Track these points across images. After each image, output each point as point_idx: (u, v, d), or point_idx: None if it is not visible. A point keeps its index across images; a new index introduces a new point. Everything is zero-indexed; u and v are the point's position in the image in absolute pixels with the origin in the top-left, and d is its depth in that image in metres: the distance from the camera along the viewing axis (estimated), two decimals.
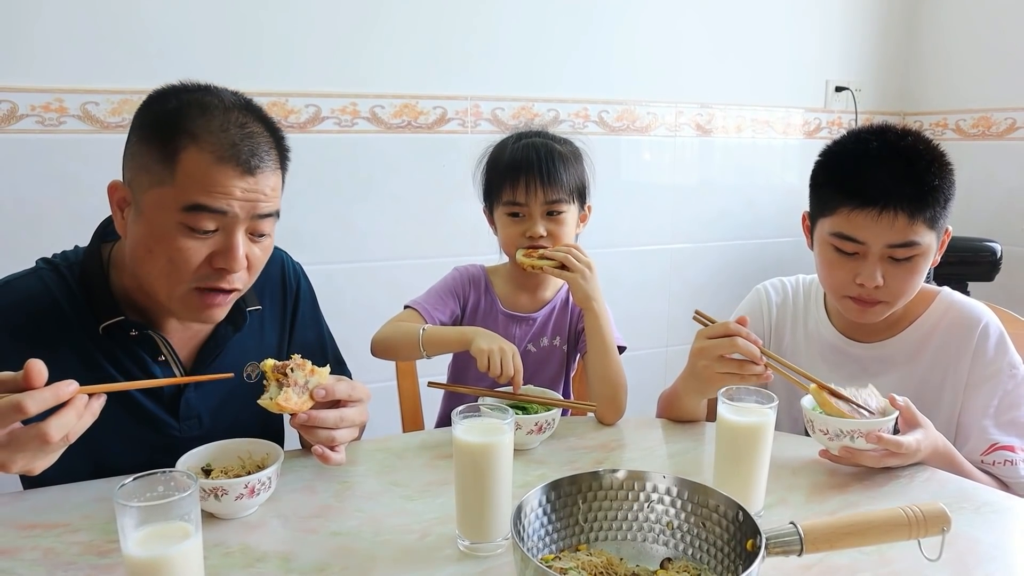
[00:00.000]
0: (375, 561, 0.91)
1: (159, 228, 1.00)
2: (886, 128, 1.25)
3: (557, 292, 1.55)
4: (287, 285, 1.31)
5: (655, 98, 2.56)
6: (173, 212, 0.99)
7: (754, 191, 2.82)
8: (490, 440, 0.91)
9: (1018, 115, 2.69)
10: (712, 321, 1.19)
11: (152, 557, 0.73)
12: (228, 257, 1.02)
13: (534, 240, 1.41)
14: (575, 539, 0.90)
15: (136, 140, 1.03)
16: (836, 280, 1.26)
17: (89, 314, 1.09)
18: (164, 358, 1.14)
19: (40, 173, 1.88)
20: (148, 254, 1.02)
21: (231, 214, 1.00)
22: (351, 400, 1.08)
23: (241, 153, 1.00)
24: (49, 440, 0.81)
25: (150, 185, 1.00)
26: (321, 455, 1.04)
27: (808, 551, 0.79)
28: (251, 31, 2.01)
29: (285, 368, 1.02)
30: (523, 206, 1.41)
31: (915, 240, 1.19)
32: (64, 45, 1.86)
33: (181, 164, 0.98)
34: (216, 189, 0.98)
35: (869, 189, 1.18)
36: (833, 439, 1.09)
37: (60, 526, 0.97)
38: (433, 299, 1.50)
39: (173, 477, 0.79)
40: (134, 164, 1.02)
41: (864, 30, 2.89)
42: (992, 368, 1.27)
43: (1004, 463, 1.21)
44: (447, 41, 2.23)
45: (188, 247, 1.00)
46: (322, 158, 2.14)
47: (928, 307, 1.33)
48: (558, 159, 1.41)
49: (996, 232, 2.58)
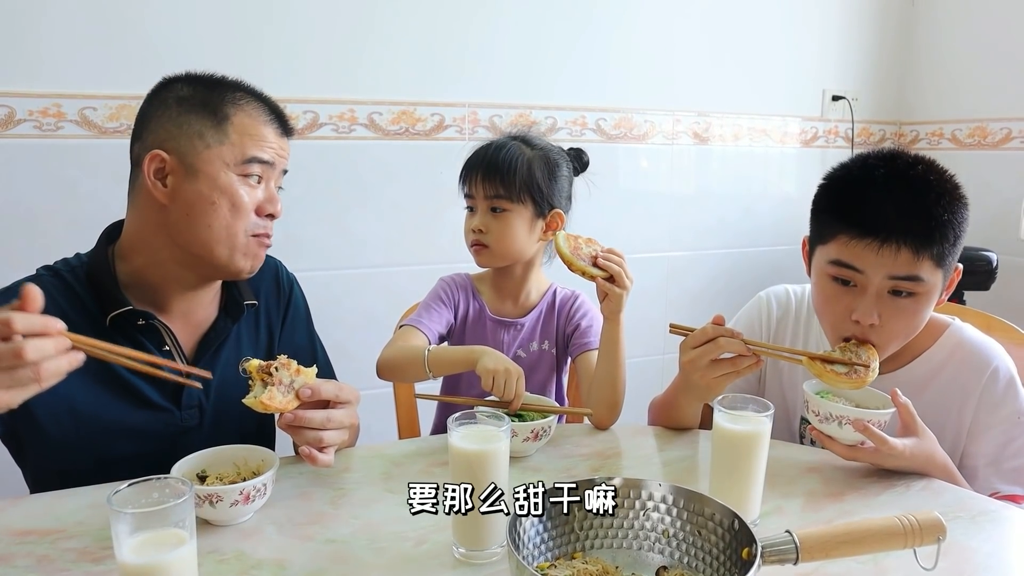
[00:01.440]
0: (370, 568, 0.91)
1: (222, 181, 1.11)
2: (896, 155, 1.16)
3: (543, 296, 1.55)
4: (280, 288, 1.35)
5: (652, 106, 2.57)
6: (233, 166, 1.12)
7: (751, 199, 2.82)
8: (486, 447, 0.91)
9: (1014, 125, 2.70)
10: (690, 330, 1.18)
11: (146, 564, 0.73)
12: (274, 203, 1.17)
13: (475, 233, 1.44)
14: (571, 547, 0.90)
15: (177, 113, 1.12)
16: (832, 316, 1.19)
17: (95, 311, 1.11)
18: (168, 348, 1.16)
19: (38, 178, 1.88)
20: (211, 207, 1.11)
21: (275, 165, 1.17)
22: (339, 401, 1.09)
23: (280, 117, 1.19)
24: (23, 357, 0.80)
25: (205, 147, 1.11)
26: (308, 455, 1.05)
27: (804, 560, 0.79)
28: (249, 37, 2.02)
29: (270, 367, 1.02)
30: (472, 198, 1.46)
31: (919, 275, 1.11)
32: (63, 50, 1.86)
33: (234, 125, 1.12)
34: (265, 142, 1.15)
35: (871, 219, 1.10)
36: (822, 421, 1.09)
37: (54, 532, 0.97)
38: (427, 313, 1.50)
39: (168, 483, 0.79)
40: (181, 133, 1.11)
41: (861, 39, 2.90)
42: (999, 414, 1.20)
43: None
44: (445, 48, 2.24)
45: (246, 193, 1.13)
46: (320, 164, 2.14)
47: (936, 341, 1.26)
48: (513, 158, 1.42)
49: (992, 242, 2.58)
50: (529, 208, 1.44)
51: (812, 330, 1.37)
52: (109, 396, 0.95)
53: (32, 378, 0.82)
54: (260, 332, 1.30)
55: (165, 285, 1.17)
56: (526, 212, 1.44)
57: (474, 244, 1.47)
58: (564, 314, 1.54)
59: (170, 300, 1.18)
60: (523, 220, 1.44)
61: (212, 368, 1.20)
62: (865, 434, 1.05)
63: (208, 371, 1.07)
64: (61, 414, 1.09)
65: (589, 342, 1.48)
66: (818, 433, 1.11)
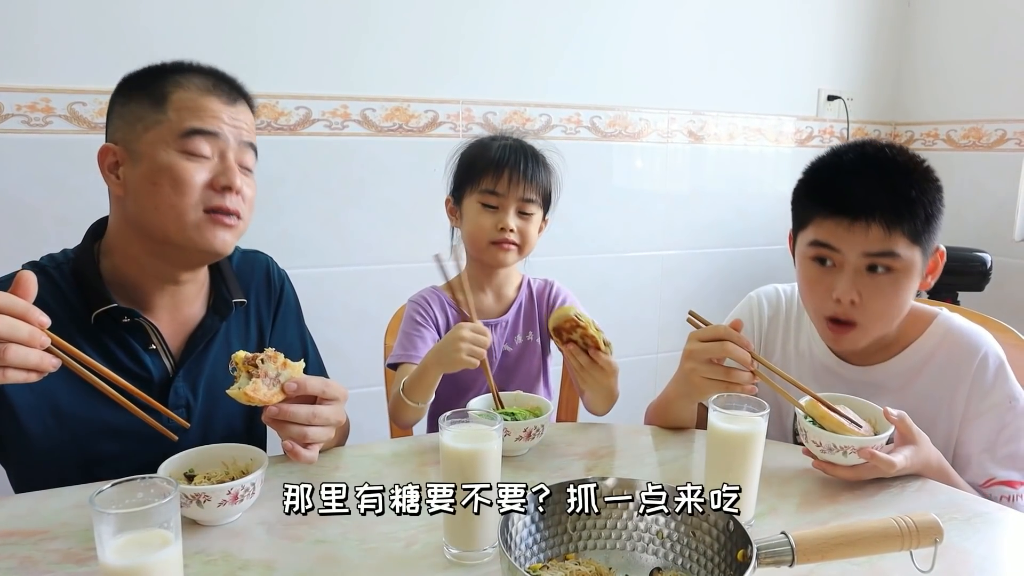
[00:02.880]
0: (360, 569, 0.90)
1: (161, 160, 1.07)
2: (865, 142, 1.22)
3: (520, 289, 1.57)
4: (272, 284, 1.33)
5: (647, 104, 2.56)
6: (171, 143, 1.07)
7: (745, 199, 2.82)
8: (478, 447, 0.90)
9: (1008, 126, 2.70)
10: (706, 323, 1.18)
11: (130, 566, 0.72)
12: (229, 174, 1.10)
13: (505, 232, 1.44)
14: (563, 548, 0.89)
15: (122, 103, 1.11)
16: (814, 298, 1.24)
17: (80, 307, 1.10)
18: (155, 347, 1.15)
19: (26, 174, 1.86)
20: (153, 187, 1.07)
21: (222, 135, 1.10)
22: (325, 397, 1.06)
23: (222, 86, 1.13)
24: None
25: (145, 130, 1.08)
26: (290, 450, 1.02)
27: (799, 562, 0.78)
28: (242, 32, 2.00)
29: (256, 359, 1.00)
30: (501, 197, 1.44)
31: (893, 251, 1.15)
32: (51, 45, 1.83)
33: (172, 103, 1.08)
34: (206, 113, 1.09)
35: (841, 198, 1.16)
36: (826, 452, 1.08)
37: (38, 533, 0.95)
38: (409, 343, 1.47)
39: (153, 483, 0.77)
40: (124, 122, 1.10)
41: (857, 40, 2.90)
42: (990, 400, 1.21)
43: (1002, 499, 1.17)
44: (439, 44, 2.22)
45: (188, 168, 1.08)
46: (312, 161, 2.13)
47: (925, 331, 1.27)
48: (539, 162, 1.48)
49: (986, 243, 2.59)
50: (542, 211, 1.50)
51: (803, 328, 1.39)
52: (93, 396, 0.93)
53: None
54: (250, 330, 1.28)
55: (145, 281, 1.15)
56: (539, 215, 1.49)
57: (503, 243, 1.45)
58: (544, 302, 1.57)
59: (153, 297, 1.16)
60: (538, 222, 1.50)
61: (200, 366, 1.18)
62: (873, 461, 1.04)
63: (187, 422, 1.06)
64: (44, 414, 1.07)
65: None
66: (821, 464, 1.10)
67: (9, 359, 0.80)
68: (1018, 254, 2.69)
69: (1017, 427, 1.20)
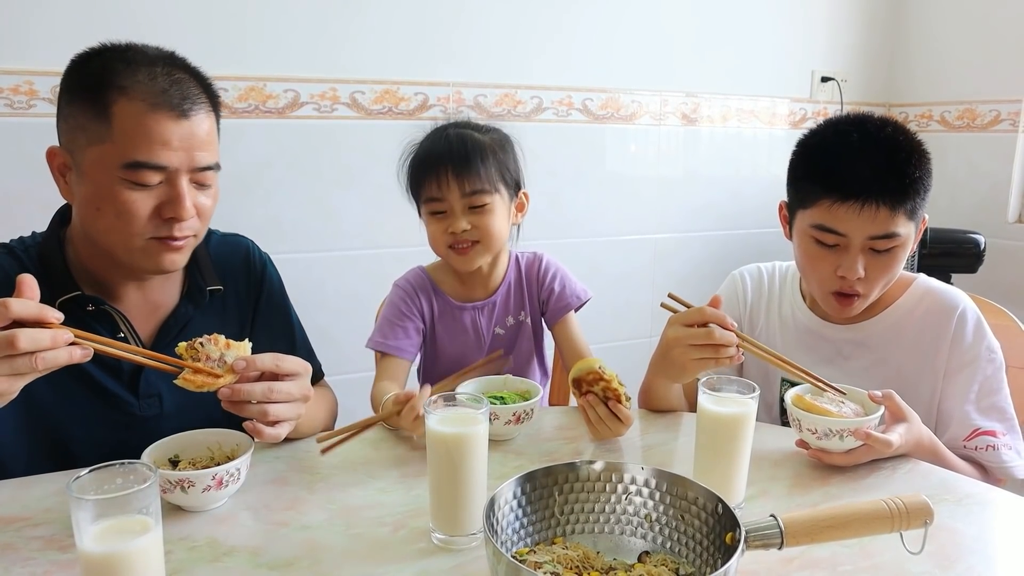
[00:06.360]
0: (346, 555, 0.89)
1: (103, 186, 1.01)
2: (865, 118, 1.24)
3: (507, 270, 1.52)
4: (251, 269, 1.29)
5: (640, 87, 2.54)
6: (114, 169, 1.00)
7: (739, 181, 2.80)
8: (465, 431, 0.89)
9: (1002, 107, 2.68)
10: (686, 305, 1.17)
11: (108, 552, 0.71)
12: (176, 206, 1.03)
13: (457, 236, 1.36)
14: (551, 532, 0.88)
15: (67, 102, 1.04)
16: (819, 274, 1.26)
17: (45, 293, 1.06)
18: (124, 336, 1.12)
19: (8, 157, 1.83)
20: (96, 212, 1.03)
21: (171, 168, 1.02)
22: (283, 372, 1.01)
23: (172, 98, 1.01)
24: (15, 345, 0.78)
25: (88, 143, 1.01)
26: (252, 429, 0.98)
27: (789, 544, 0.77)
28: (229, 14, 1.96)
29: (195, 343, 0.96)
30: (442, 201, 1.36)
31: (896, 231, 1.19)
32: (34, 26, 1.80)
33: (115, 118, 0.99)
34: (154, 140, 0.99)
35: (851, 183, 1.17)
36: (821, 438, 1.08)
37: (19, 520, 0.94)
38: (391, 332, 1.44)
39: (133, 469, 0.76)
40: (68, 126, 1.03)
41: (850, 21, 2.87)
42: (971, 354, 1.27)
43: (986, 448, 1.22)
44: (429, 26, 2.19)
45: (134, 199, 1.01)
46: (301, 144, 2.10)
47: (904, 292, 1.33)
48: (475, 148, 1.36)
49: (980, 224, 2.59)
50: (504, 194, 1.40)
51: (784, 297, 1.44)
52: (63, 384, 0.90)
53: (30, 367, 0.80)
54: (229, 317, 1.24)
55: (108, 273, 1.12)
56: (503, 200, 1.40)
57: (457, 246, 1.38)
58: (534, 279, 1.52)
59: (119, 287, 1.13)
60: (503, 208, 1.40)
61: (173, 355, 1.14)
62: (869, 441, 1.05)
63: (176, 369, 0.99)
64: (15, 400, 1.05)
65: (566, 304, 1.50)
66: (816, 452, 1.10)
67: (41, 367, 0.81)
68: (1012, 235, 2.69)
69: (997, 379, 1.26)
